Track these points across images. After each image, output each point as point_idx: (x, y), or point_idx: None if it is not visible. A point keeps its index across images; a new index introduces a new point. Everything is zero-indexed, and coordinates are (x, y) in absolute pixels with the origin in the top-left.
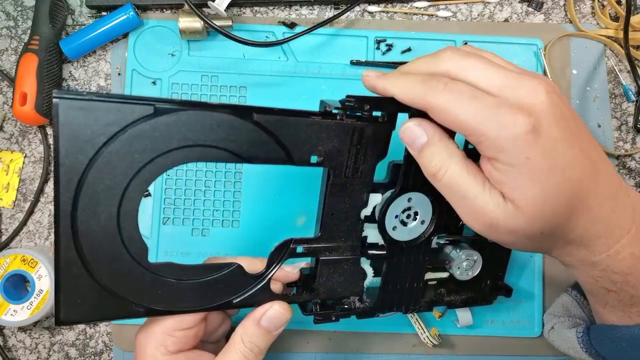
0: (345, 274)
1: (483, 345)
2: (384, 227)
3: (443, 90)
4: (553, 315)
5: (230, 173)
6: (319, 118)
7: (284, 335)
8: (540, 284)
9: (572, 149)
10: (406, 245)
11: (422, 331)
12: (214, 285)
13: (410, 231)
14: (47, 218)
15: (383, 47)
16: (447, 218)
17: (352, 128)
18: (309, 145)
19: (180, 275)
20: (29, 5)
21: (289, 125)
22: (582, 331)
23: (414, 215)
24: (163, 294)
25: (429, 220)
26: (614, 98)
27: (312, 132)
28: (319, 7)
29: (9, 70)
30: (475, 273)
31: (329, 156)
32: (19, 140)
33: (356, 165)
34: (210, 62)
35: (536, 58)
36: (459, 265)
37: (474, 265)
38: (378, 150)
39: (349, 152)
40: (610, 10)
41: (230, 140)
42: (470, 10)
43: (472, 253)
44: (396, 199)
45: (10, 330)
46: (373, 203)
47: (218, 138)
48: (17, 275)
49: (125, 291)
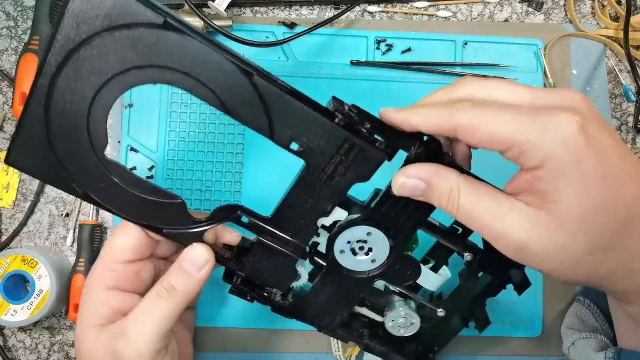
0: (277, 267)
1: (483, 345)
2: (331, 246)
3: (471, 108)
4: (571, 329)
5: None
6: (317, 112)
7: (284, 335)
8: (540, 283)
9: (625, 160)
10: (346, 272)
11: (337, 349)
12: (152, 207)
13: (356, 262)
14: (47, 218)
15: (383, 47)
16: (401, 270)
17: (345, 138)
18: (295, 131)
19: (127, 180)
20: (29, 5)
21: (284, 102)
22: (611, 356)
23: (367, 251)
24: (104, 189)
25: (380, 263)
26: (614, 98)
27: (304, 120)
28: (319, 7)
29: (9, 70)
30: (406, 334)
31: (310, 151)
32: None
33: (333, 174)
34: None
35: (536, 58)
36: (393, 318)
37: (409, 327)
38: (361, 172)
39: (331, 159)
40: (610, 10)
41: (222, 87)
42: (470, 10)
43: (413, 315)
44: (356, 227)
45: (10, 330)
46: (337, 217)
47: (213, 79)
48: (17, 275)
49: (72, 169)
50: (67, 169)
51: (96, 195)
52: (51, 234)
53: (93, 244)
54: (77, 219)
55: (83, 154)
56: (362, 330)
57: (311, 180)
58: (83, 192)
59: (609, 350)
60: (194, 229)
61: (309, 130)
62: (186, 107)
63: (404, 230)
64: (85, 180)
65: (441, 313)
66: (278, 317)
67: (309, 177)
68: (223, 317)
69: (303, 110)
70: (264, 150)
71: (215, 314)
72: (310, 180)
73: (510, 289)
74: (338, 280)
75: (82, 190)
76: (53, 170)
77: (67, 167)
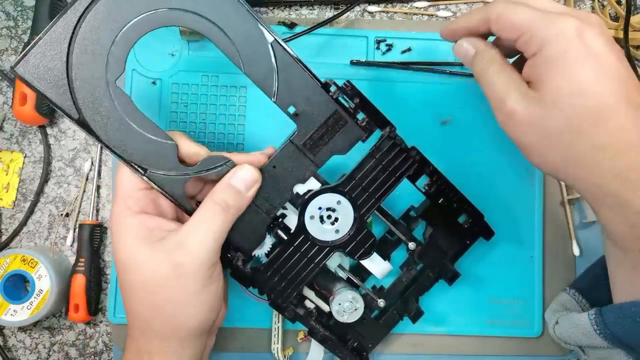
0: (248, 226)
1: (483, 345)
2: (304, 210)
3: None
4: (554, 312)
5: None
6: (319, 84)
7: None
8: (540, 284)
9: (611, 62)
10: (311, 239)
11: (276, 341)
12: (144, 144)
13: (322, 231)
14: (47, 218)
15: (383, 47)
16: (359, 244)
17: (334, 110)
18: (296, 96)
19: (130, 113)
20: (29, 5)
21: (293, 69)
22: (594, 313)
23: (334, 220)
24: (102, 119)
25: (343, 234)
26: None
27: (305, 87)
28: (319, 7)
29: (9, 70)
30: (349, 320)
31: (304, 116)
32: (19, 140)
33: (317, 142)
34: (210, 62)
35: None
36: (340, 301)
37: (353, 313)
38: (341, 144)
39: (319, 128)
40: (610, 10)
41: (244, 44)
42: (470, 10)
43: (359, 300)
44: (329, 193)
45: (10, 330)
46: (311, 187)
47: (237, 35)
48: (17, 275)
49: (79, 93)
50: (73, 91)
51: (92, 123)
52: (51, 234)
53: (93, 244)
54: (77, 219)
55: (95, 81)
56: (311, 310)
57: (297, 145)
58: (81, 119)
59: (590, 310)
60: (178, 175)
61: (307, 98)
62: (186, 107)
63: (368, 203)
64: (86, 107)
65: (382, 303)
66: None
67: (295, 141)
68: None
69: (307, 79)
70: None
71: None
72: (297, 144)
73: (511, 289)
74: (301, 247)
75: (80, 117)
76: (58, 88)
77: (75, 89)
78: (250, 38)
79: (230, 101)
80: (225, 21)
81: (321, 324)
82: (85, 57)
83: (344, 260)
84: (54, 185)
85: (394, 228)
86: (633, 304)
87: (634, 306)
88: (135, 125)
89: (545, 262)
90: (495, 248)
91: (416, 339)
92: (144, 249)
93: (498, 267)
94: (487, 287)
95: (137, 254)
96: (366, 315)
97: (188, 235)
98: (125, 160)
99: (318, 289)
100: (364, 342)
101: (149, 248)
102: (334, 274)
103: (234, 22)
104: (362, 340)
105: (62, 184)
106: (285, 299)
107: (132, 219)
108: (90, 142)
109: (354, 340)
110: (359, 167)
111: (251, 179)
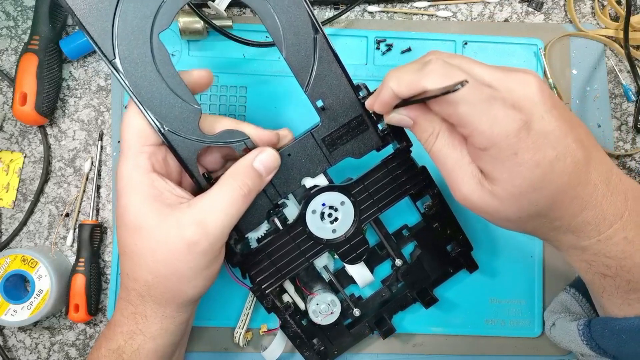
0: (250, 207)
1: (483, 345)
2: (308, 203)
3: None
4: (553, 313)
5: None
6: (351, 85)
7: None
8: (540, 284)
9: (566, 139)
10: (308, 233)
11: (241, 325)
12: (169, 102)
13: (320, 228)
14: (47, 218)
15: (383, 47)
16: (352, 248)
17: (359, 114)
18: (327, 90)
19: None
20: (29, 5)
21: (330, 65)
22: (583, 324)
23: (333, 220)
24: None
25: (339, 235)
26: (614, 98)
27: (337, 85)
28: (319, 7)
29: (9, 70)
30: (323, 323)
31: (329, 111)
32: (19, 140)
33: (335, 141)
34: (210, 62)
35: (536, 58)
36: (318, 302)
37: (328, 316)
38: (357, 149)
39: (341, 127)
40: (610, 10)
41: (290, 29)
42: (470, 10)
43: (337, 304)
44: (335, 192)
45: (10, 330)
46: (319, 182)
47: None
48: (17, 275)
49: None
50: (115, 31)
51: (124, 66)
52: (51, 234)
53: (93, 244)
54: (77, 219)
55: (141, 23)
56: (289, 304)
57: (317, 138)
58: (112, 59)
59: (581, 320)
60: (195, 140)
61: (337, 96)
62: None
63: (370, 210)
64: (124, 49)
65: (357, 312)
66: (276, 318)
67: (317, 133)
68: (219, 316)
69: (341, 77)
70: None
71: (211, 314)
72: (316, 138)
73: (511, 289)
74: (297, 239)
75: (115, 58)
76: (101, 26)
77: (117, 29)
78: (297, 25)
79: (230, 101)
80: (278, 2)
81: (294, 320)
82: (136, 3)
83: (330, 262)
84: (54, 185)
85: (385, 242)
86: (614, 320)
87: (618, 324)
88: (167, 81)
89: (545, 262)
90: (496, 248)
91: (416, 339)
92: (155, 214)
93: (498, 267)
94: (487, 287)
95: (148, 218)
96: (339, 321)
97: (207, 214)
98: (147, 111)
99: (299, 285)
100: (330, 347)
101: (160, 213)
102: (318, 274)
103: (287, 5)
104: (329, 346)
105: (62, 184)
106: (269, 287)
107: (142, 177)
108: (90, 142)
109: (321, 344)
110: (369, 174)
111: (273, 164)
